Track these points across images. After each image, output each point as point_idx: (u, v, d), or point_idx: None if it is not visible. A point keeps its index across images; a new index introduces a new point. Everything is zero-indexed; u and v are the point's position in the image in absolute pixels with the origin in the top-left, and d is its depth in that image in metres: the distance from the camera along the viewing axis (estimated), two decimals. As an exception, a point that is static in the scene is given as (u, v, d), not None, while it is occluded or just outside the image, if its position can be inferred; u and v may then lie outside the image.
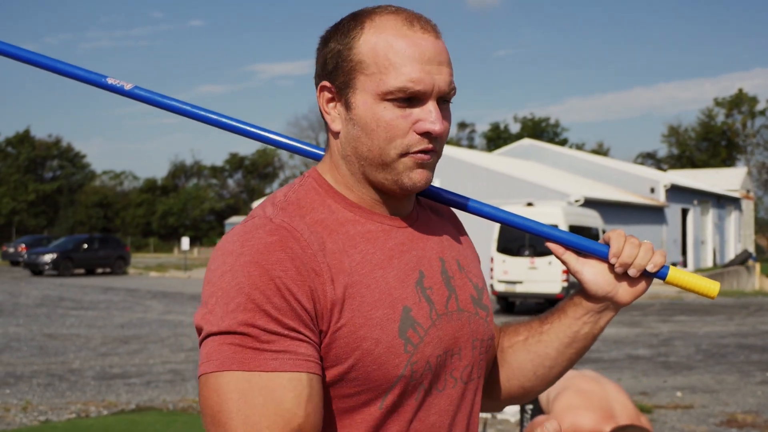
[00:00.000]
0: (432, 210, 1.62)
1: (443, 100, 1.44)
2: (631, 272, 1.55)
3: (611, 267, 1.59)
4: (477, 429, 1.57)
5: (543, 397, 4.61)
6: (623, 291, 1.60)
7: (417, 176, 1.42)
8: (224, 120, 1.71)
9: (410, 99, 1.39)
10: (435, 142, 1.42)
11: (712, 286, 1.61)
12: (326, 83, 1.45)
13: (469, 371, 1.51)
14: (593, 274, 1.60)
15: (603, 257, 1.58)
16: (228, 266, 1.32)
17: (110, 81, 1.70)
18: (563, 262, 1.63)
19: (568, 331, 1.65)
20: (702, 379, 11.14)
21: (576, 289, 1.68)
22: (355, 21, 1.44)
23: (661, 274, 1.58)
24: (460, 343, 1.48)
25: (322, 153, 1.63)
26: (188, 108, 1.70)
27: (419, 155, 1.41)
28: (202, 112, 1.71)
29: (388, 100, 1.39)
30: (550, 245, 1.63)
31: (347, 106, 1.42)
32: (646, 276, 1.59)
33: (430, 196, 1.64)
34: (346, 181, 1.47)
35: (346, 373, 1.34)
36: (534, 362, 1.68)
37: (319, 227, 1.38)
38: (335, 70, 1.43)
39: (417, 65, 1.38)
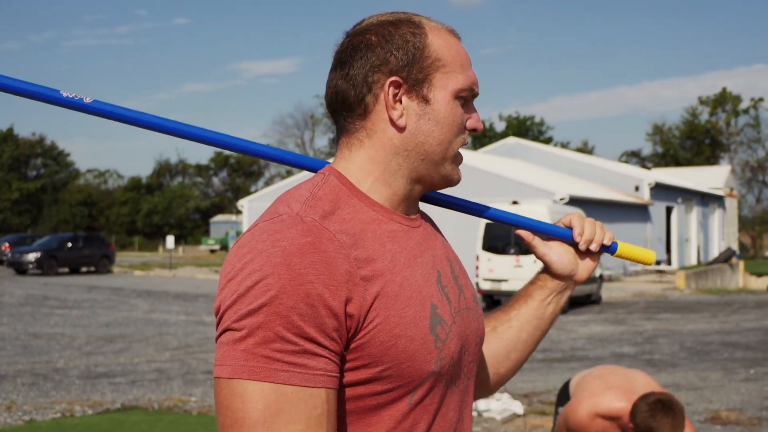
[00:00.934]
0: (424, 214, 1.66)
1: None
2: (593, 247, 1.73)
3: (573, 247, 1.75)
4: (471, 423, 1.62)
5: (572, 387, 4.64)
6: (582, 268, 1.77)
7: (460, 173, 1.56)
8: (195, 131, 1.60)
9: (469, 98, 1.52)
10: None
11: (649, 255, 1.83)
12: (397, 79, 1.44)
13: (472, 367, 1.57)
14: (558, 254, 1.74)
15: (568, 239, 1.74)
16: (257, 265, 1.28)
17: (65, 94, 1.56)
18: (531, 247, 1.75)
19: (536, 313, 1.77)
20: (686, 376, 11.19)
21: (537, 272, 1.81)
22: (410, 23, 1.48)
23: (612, 248, 1.77)
24: (470, 339, 1.54)
25: (314, 164, 1.62)
26: (154, 120, 1.58)
27: (461, 156, 1.54)
28: (170, 124, 1.59)
29: (459, 97, 1.49)
30: (520, 232, 1.75)
31: (423, 101, 1.46)
32: (601, 252, 1.76)
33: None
34: (388, 177, 1.47)
35: (381, 371, 1.35)
36: (507, 347, 1.77)
37: (348, 225, 1.38)
38: (409, 65, 1.45)
39: (472, 69, 1.53)
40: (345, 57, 1.48)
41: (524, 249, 20.08)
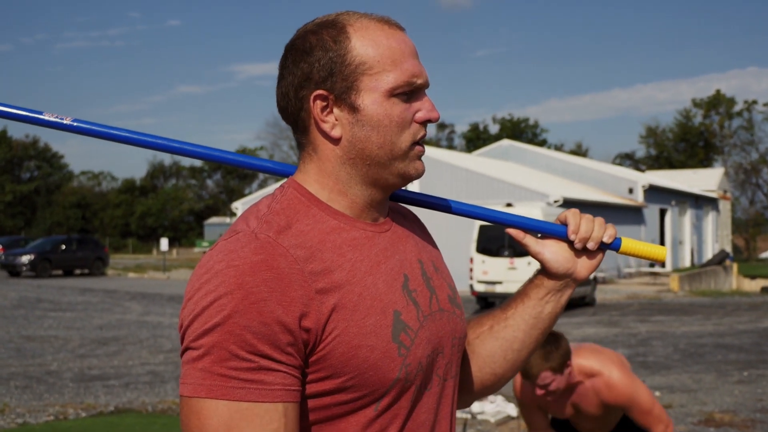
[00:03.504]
0: (399, 214, 1.64)
1: None
2: (590, 245, 1.66)
3: (569, 244, 1.69)
4: (455, 424, 1.60)
5: None
6: (581, 266, 1.70)
7: (419, 166, 1.50)
8: (174, 145, 1.65)
9: (411, 92, 1.46)
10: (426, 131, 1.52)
11: (659, 251, 1.74)
12: (321, 92, 1.44)
13: (449, 369, 1.55)
14: (553, 253, 1.68)
15: (562, 236, 1.68)
16: (212, 286, 1.31)
17: (47, 117, 1.61)
18: (523, 246, 1.71)
19: (532, 312, 1.72)
20: (680, 378, 11.21)
21: (536, 271, 1.75)
22: (334, 29, 1.45)
23: (615, 245, 1.70)
24: (443, 342, 1.52)
25: (284, 168, 1.64)
26: (133, 136, 1.62)
27: (419, 147, 1.48)
28: (151, 139, 1.63)
29: (395, 95, 1.44)
30: (510, 231, 1.70)
31: (352, 109, 1.44)
32: (601, 249, 1.69)
33: (397, 197, 1.67)
34: (341, 186, 1.47)
35: (343, 382, 1.36)
36: (503, 347, 1.73)
37: (305, 238, 1.39)
38: (330, 77, 1.43)
39: (412, 60, 1.47)
40: (280, 72, 1.50)
41: (519, 251, 20.11)
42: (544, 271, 1.71)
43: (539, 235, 1.72)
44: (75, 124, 1.61)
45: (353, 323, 1.36)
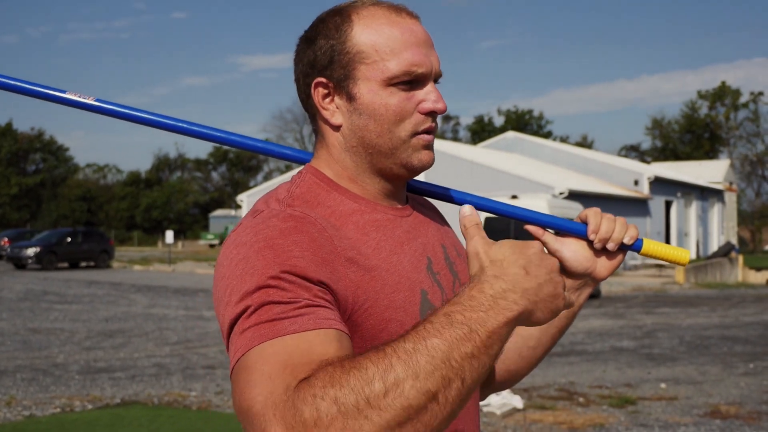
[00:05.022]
0: (417, 203, 1.64)
1: (437, 82, 1.49)
2: (610, 246, 1.62)
3: (589, 244, 1.64)
4: (478, 411, 1.59)
5: None
6: (601, 266, 1.65)
7: (424, 156, 1.47)
8: (196, 128, 1.64)
9: (412, 82, 1.44)
10: (435, 122, 1.48)
11: (683, 254, 1.69)
12: (321, 79, 1.45)
13: None
14: (572, 251, 1.64)
15: (581, 235, 1.64)
16: (242, 255, 1.26)
17: (70, 96, 1.62)
18: (542, 243, 1.64)
19: None
20: (686, 370, 11.20)
21: None
22: (340, 16, 1.45)
23: (636, 246, 1.65)
24: None
25: (303, 155, 1.64)
26: (156, 118, 1.63)
27: (424, 136, 1.46)
28: (171, 122, 1.63)
29: (393, 84, 1.43)
30: (529, 227, 1.66)
31: (350, 98, 1.44)
32: (622, 249, 1.65)
33: (412, 189, 1.65)
34: (350, 174, 1.48)
35: None
36: (518, 344, 1.72)
37: (329, 219, 1.38)
38: (330, 65, 1.44)
39: (415, 49, 1.44)
40: (294, 61, 1.52)
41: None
42: (563, 270, 1.65)
43: (555, 232, 1.68)
44: (97, 103, 1.62)
45: (383, 296, 1.35)
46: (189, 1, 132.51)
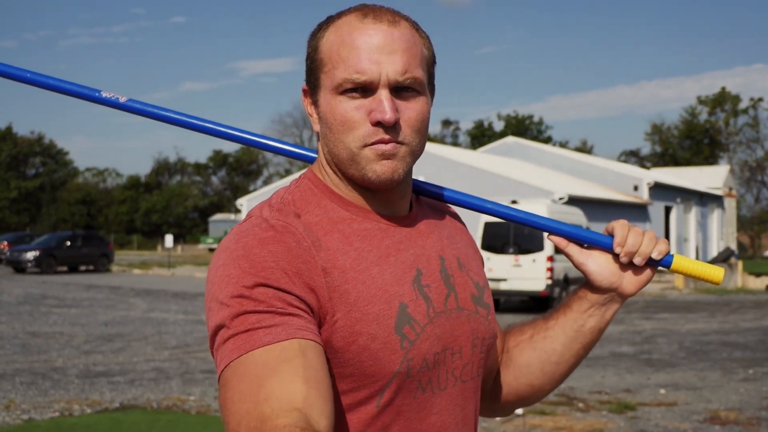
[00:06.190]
0: (432, 208, 1.61)
1: (406, 89, 1.40)
2: (637, 260, 1.56)
3: (615, 257, 1.59)
4: (477, 428, 1.56)
5: None
6: (628, 281, 1.60)
7: (380, 168, 1.39)
8: (220, 129, 1.71)
9: (364, 90, 1.38)
10: (393, 132, 1.38)
11: (716, 272, 1.62)
12: (304, 86, 1.49)
13: (469, 370, 1.50)
14: (597, 265, 1.60)
15: (607, 248, 1.59)
16: (221, 261, 1.34)
17: (105, 95, 1.71)
18: (567, 255, 1.63)
19: (573, 325, 1.64)
20: (685, 376, 11.19)
21: (580, 283, 1.67)
22: (325, 23, 1.46)
23: (665, 261, 1.59)
24: (460, 341, 1.48)
25: (313, 155, 1.65)
26: (185, 119, 1.71)
27: (377, 146, 1.38)
28: (199, 122, 1.71)
29: (342, 93, 1.39)
30: (553, 238, 1.63)
31: (316, 106, 1.46)
32: (651, 265, 1.59)
33: (425, 193, 1.63)
34: (333, 180, 1.47)
35: (343, 368, 1.34)
36: (541, 359, 1.67)
37: (315, 227, 1.39)
38: (307, 72, 1.47)
39: (363, 55, 1.37)
40: None
41: (523, 248, 20.10)
42: (588, 284, 1.63)
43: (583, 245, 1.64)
44: (129, 103, 1.70)
45: (356, 309, 1.34)
46: (188, 5, 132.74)
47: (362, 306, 1.35)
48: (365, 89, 1.38)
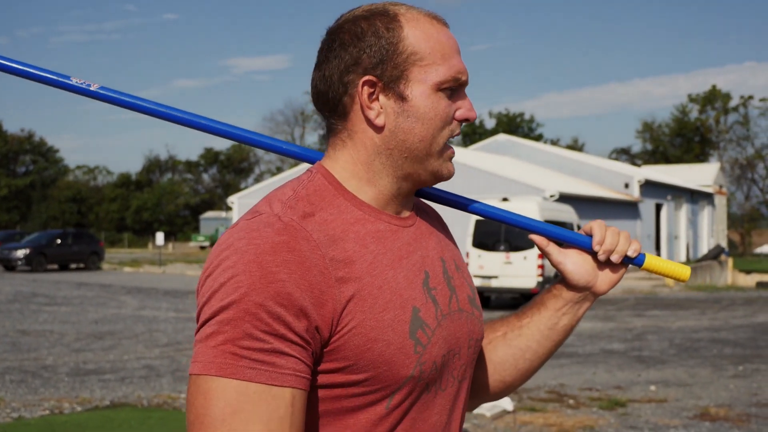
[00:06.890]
0: (421, 210, 1.61)
1: None
2: (614, 258, 1.62)
3: (592, 257, 1.65)
4: (463, 425, 1.58)
5: None
6: (602, 280, 1.66)
7: (452, 168, 1.51)
8: (204, 122, 1.64)
9: (455, 89, 1.46)
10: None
11: (683, 271, 1.72)
12: (371, 78, 1.41)
13: (464, 370, 1.52)
14: (574, 264, 1.65)
15: (586, 247, 1.64)
16: (231, 262, 1.28)
17: (74, 81, 1.61)
18: (546, 254, 1.66)
19: (548, 323, 1.68)
20: (675, 373, 11.23)
21: (554, 281, 1.71)
22: (385, 17, 1.43)
23: (638, 260, 1.66)
24: (460, 342, 1.49)
25: (313, 155, 1.62)
26: (161, 109, 1.62)
27: (450, 150, 1.49)
28: (178, 114, 1.63)
29: (441, 90, 1.43)
30: (534, 237, 1.66)
31: (401, 98, 1.42)
32: (624, 264, 1.66)
33: (425, 195, 1.64)
34: (371, 176, 1.45)
35: (357, 375, 1.33)
36: (515, 356, 1.70)
37: (329, 227, 1.37)
38: (381, 63, 1.41)
39: (459, 57, 1.47)
40: (322, 57, 1.47)
41: (514, 246, 20.13)
42: (564, 282, 1.68)
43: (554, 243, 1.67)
44: (101, 91, 1.62)
45: (371, 316, 1.33)
46: (180, 2, 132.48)
47: (378, 312, 1.34)
48: (456, 89, 1.46)
